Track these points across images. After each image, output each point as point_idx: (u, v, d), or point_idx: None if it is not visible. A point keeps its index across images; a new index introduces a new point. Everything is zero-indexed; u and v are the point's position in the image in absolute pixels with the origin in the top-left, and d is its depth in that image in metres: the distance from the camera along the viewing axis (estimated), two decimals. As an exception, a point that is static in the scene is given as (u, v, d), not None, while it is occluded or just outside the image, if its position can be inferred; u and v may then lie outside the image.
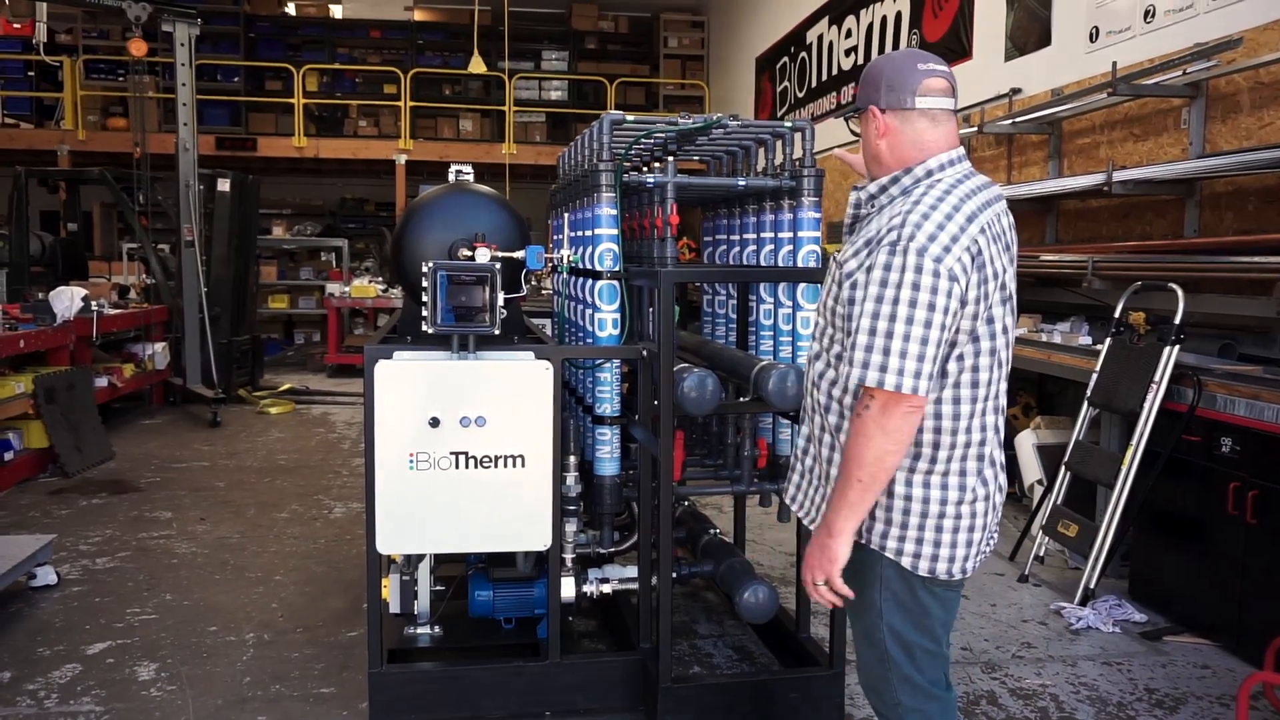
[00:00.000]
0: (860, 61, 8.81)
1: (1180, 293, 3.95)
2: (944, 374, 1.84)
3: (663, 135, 3.18)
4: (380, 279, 11.63)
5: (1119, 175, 4.61)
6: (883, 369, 1.74)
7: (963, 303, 1.77)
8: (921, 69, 1.90)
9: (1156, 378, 3.85)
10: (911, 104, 1.89)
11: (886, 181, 1.93)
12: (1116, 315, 4.27)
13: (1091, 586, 3.93)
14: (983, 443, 1.90)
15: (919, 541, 1.90)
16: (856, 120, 2.01)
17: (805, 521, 2.11)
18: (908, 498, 1.89)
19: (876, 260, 1.78)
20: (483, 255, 2.82)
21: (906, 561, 1.91)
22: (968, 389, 1.85)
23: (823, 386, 1.99)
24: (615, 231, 3.02)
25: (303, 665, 3.34)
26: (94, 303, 7.08)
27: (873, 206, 1.97)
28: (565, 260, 3.04)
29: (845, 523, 1.83)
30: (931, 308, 1.73)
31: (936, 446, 1.87)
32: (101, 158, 11.34)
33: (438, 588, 3.23)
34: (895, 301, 1.75)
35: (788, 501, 2.20)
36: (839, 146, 2.84)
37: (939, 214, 1.78)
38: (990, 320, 1.83)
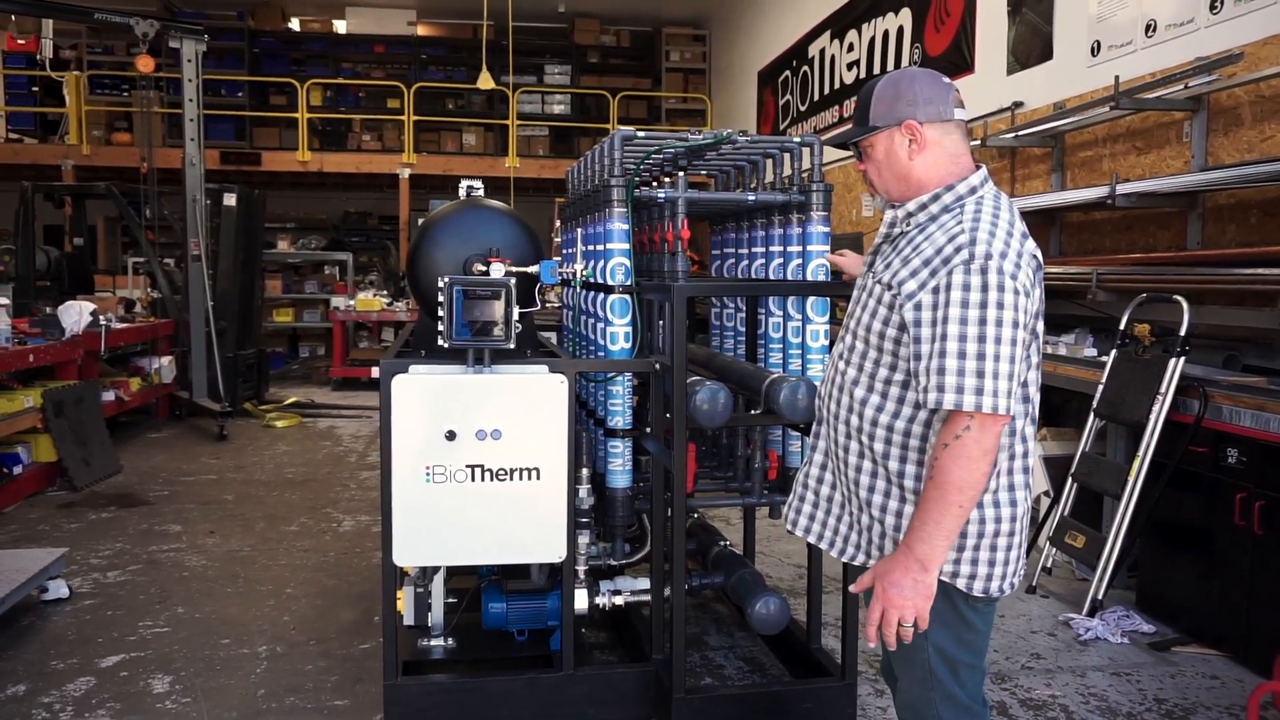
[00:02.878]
0: (862, 75, 8.87)
1: (1185, 304, 3.98)
2: None
3: (673, 150, 3.22)
4: (385, 292, 11.67)
5: (1123, 188, 4.64)
6: (978, 391, 1.71)
7: (1029, 317, 1.80)
8: (945, 82, 1.93)
9: (1162, 389, 3.87)
10: (950, 115, 1.90)
11: (927, 199, 1.89)
12: (1122, 327, 4.30)
13: (1099, 597, 3.95)
14: (1026, 454, 1.90)
15: (974, 562, 1.87)
16: (864, 141, 1.97)
17: (833, 554, 2.07)
18: (967, 519, 1.85)
19: (952, 280, 1.74)
20: (497, 270, 2.85)
21: (962, 583, 1.88)
22: (1020, 403, 1.85)
23: (864, 413, 1.93)
24: (627, 246, 3.05)
25: (316, 678, 3.36)
26: (102, 317, 7.11)
27: (908, 225, 1.91)
28: (579, 275, 3.07)
29: (941, 553, 1.77)
30: (1015, 325, 1.73)
31: (995, 464, 1.84)
32: (105, 173, 11.39)
33: (450, 600, 3.25)
34: (982, 322, 1.72)
35: (794, 529, 2.15)
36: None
37: (1002, 230, 1.78)
38: (1035, 333, 1.86)
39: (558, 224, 8.86)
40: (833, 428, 2.02)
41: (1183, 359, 3.89)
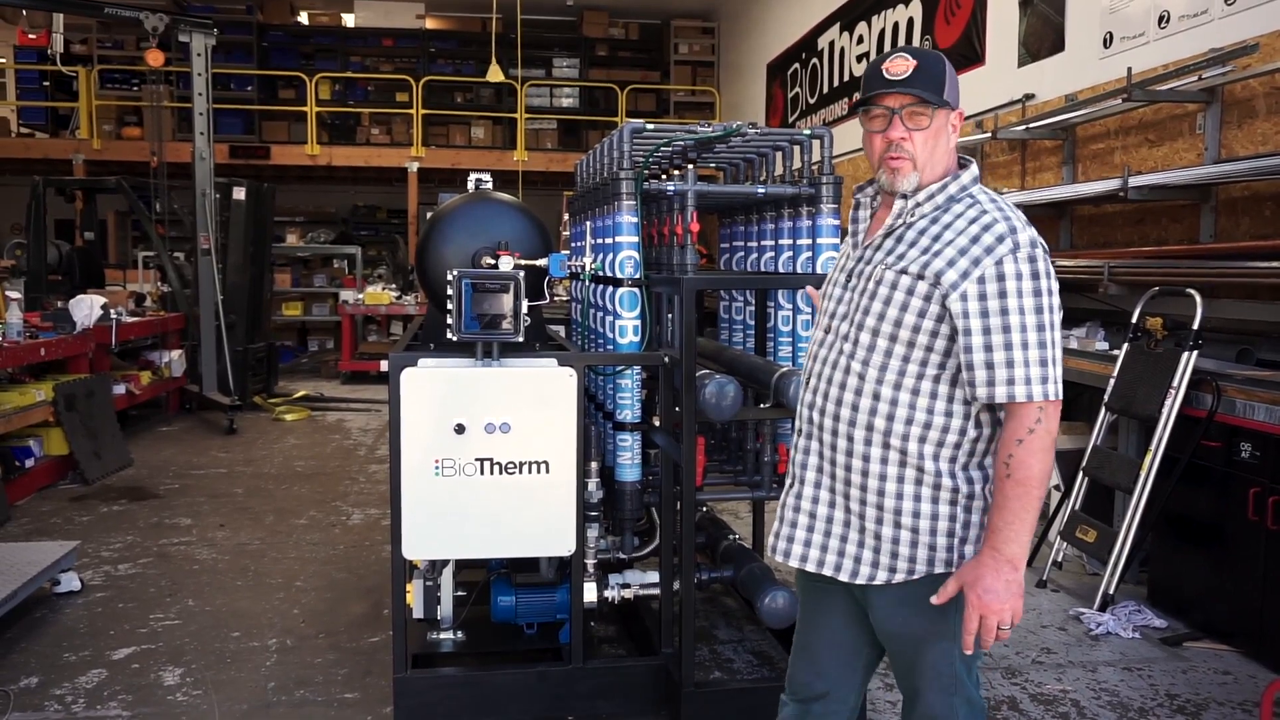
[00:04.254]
0: (872, 68, 8.82)
1: (1198, 298, 3.95)
2: None
3: (682, 143, 3.21)
4: (393, 286, 11.68)
5: (1135, 181, 4.61)
6: (1044, 380, 1.70)
7: None
8: None
9: (1175, 383, 3.85)
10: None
11: (936, 189, 1.83)
12: (1134, 320, 4.28)
13: (1111, 592, 3.93)
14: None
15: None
16: (920, 113, 1.79)
17: (843, 578, 1.90)
18: (984, 510, 1.84)
19: (1004, 270, 1.70)
20: (506, 263, 2.85)
21: None
22: None
23: (895, 413, 1.81)
24: (636, 239, 3.04)
25: (326, 670, 3.36)
26: (112, 311, 7.13)
27: (913, 216, 1.83)
28: (588, 268, 3.06)
29: (1026, 550, 1.73)
30: (1057, 310, 1.75)
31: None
32: (116, 167, 11.41)
33: (460, 593, 3.25)
34: (1038, 310, 1.71)
35: (789, 560, 1.96)
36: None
37: (1022, 217, 1.78)
38: None
39: (566, 217, 8.87)
40: (839, 437, 1.87)
41: (1195, 353, 3.86)
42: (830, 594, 2.00)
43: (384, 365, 2.86)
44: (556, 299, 7.50)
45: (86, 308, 6.69)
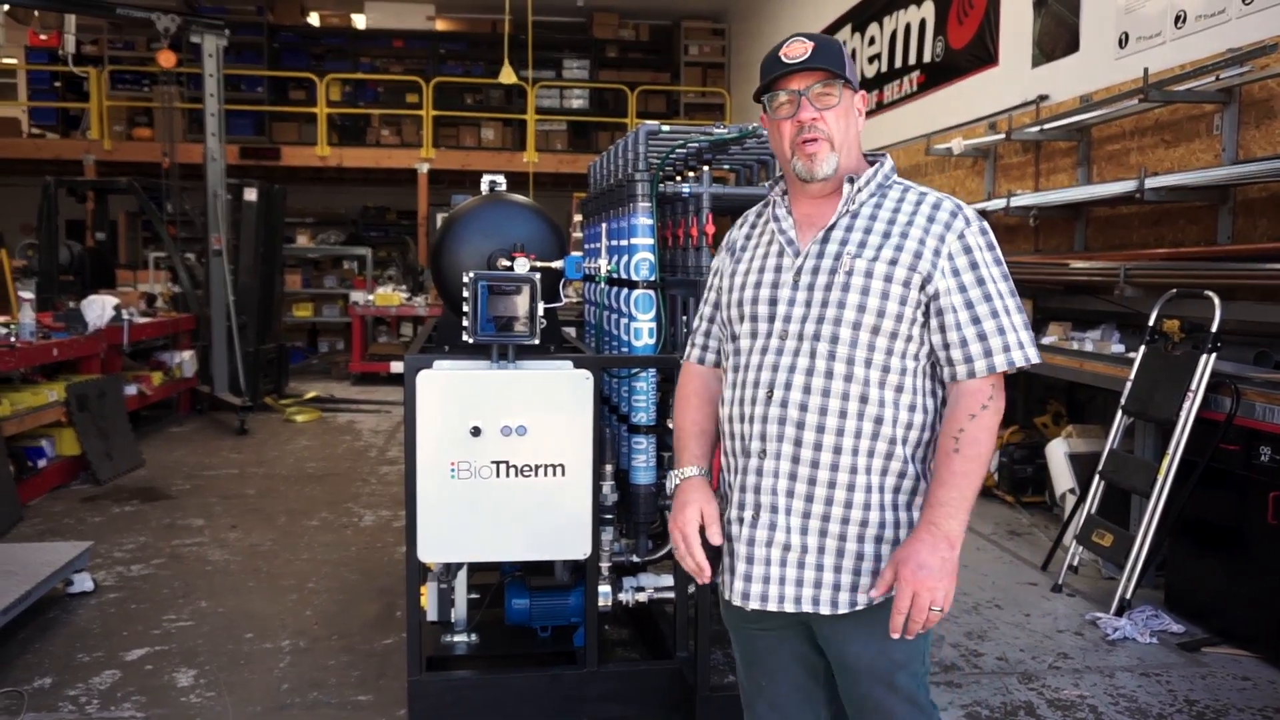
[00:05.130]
0: (884, 69, 8.80)
1: (1217, 300, 3.92)
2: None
3: (697, 145, 3.19)
4: (403, 287, 11.69)
5: (1151, 182, 4.58)
6: (1020, 345, 1.69)
7: None
8: None
9: (1193, 386, 3.82)
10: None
11: (871, 174, 1.78)
12: (1151, 323, 4.24)
13: (1128, 597, 3.90)
14: None
15: None
16: (827, 92, 1.72)
17: (825, 611, 1.75)
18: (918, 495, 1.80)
19: (967, 242, 1.70)
20: (521, 265, 2.83)
21: None
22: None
23: (884, 415, 1.71)
24: (652, 241, 3.03)
25: (339, 672, 3.36)
26: (124, 311, 7.15)
27: (853, 203, 1.77)
28: (603, 270, 3.05)
29: (963, 528, 1.66)
30: None
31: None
32: (126, 167, 11.46)
33: (474, 595, 3.24)
34: (1005, 278, 1.72)
35: (766, 604, 1.77)
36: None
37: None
38: None
39: (577, 218, 8.85)
40: (821, 450, 1.71)
41: (1214, 355, 3.83)
42: (785, 638, 1.86)
43: (394, 366, 2.86)
44: (569, 300, 7.50)
45: (98, 308, 6.70)
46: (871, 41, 9.07)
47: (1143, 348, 4.24)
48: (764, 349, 1.77)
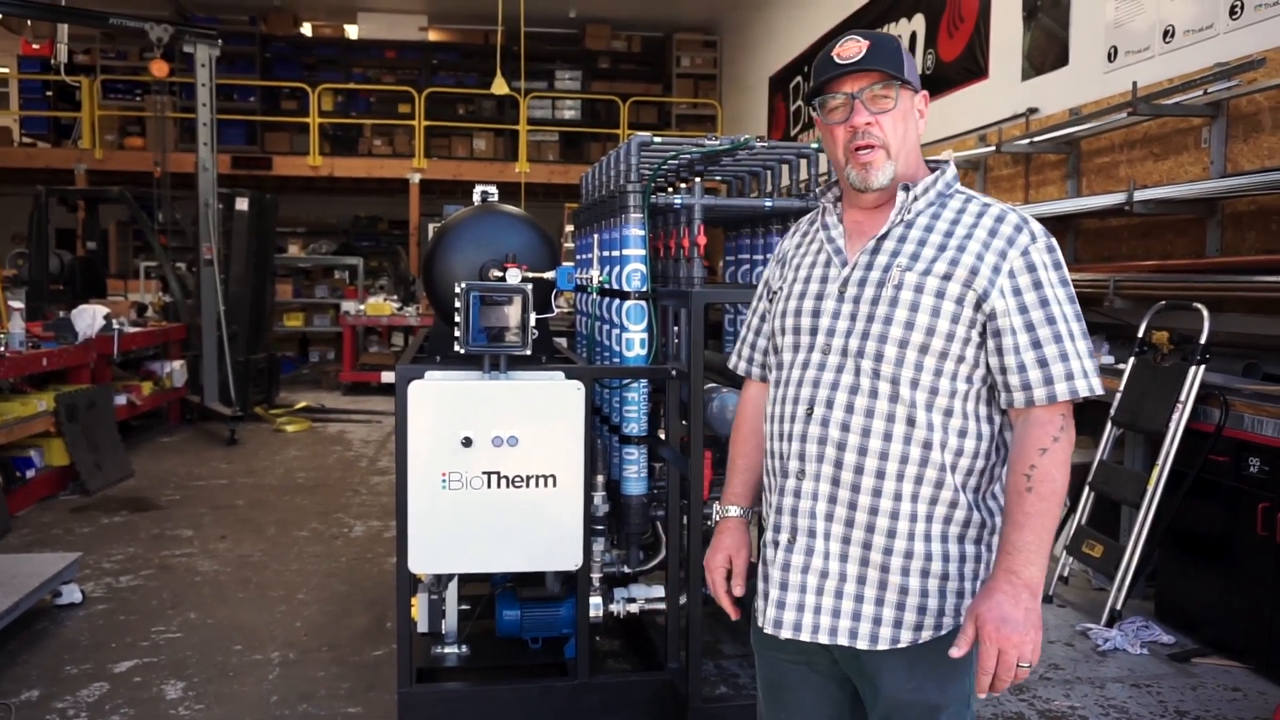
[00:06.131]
0: (874, 81, 8.85)
1: (1205, 312, 3.94)
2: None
3: (689, 156, 3.20)
4: (395, 297, 11.67)
5: (1140, 194, 4.61)
6: (1085, 374, 1.56)
7: None
8: None
9: (1182, 397, 3.83)
10: None
11: (931, 182, 1.67)
12: (1140, 334, 4.27)
13: (1118, 607, 3.91)
14: None
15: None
16: (883, 95, 1.62)
17: (861, 645, 1.62)
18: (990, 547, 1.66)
19: (1031, 259, 1.57)
20: (513, 276, 2.84)
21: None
22: None
23: (933, 439, 1.59)
24: (643, 252, 3.03)
25: (329, 684, 3.34)
26: (114, 321, 7.12)
27: (909, 212, 1.66)
28: (595, 281, 3.06)
29: (1044, 573, 1.52)
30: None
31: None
32: (118, 177, 11.44)
33: (464, 607, 3.23)
34: (1071, 300, 1.59)
35: (799, 633, 1.66)
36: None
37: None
38: None
39: (568, 229, 8.85)
40: (863, 474, 1.61)
41: (1203, 367, 3.85)
42: (815, 673, 1.74)
43: (385, 376, 2.85)
44: (560, 310, 7.50)
45: (89, 318, 6.68)
46: (863, 54, 9.11)
47: (1132, 359, 4.26)
48: (805, 364, 1.67)
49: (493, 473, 2.71)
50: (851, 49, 1.63)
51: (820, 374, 1.65)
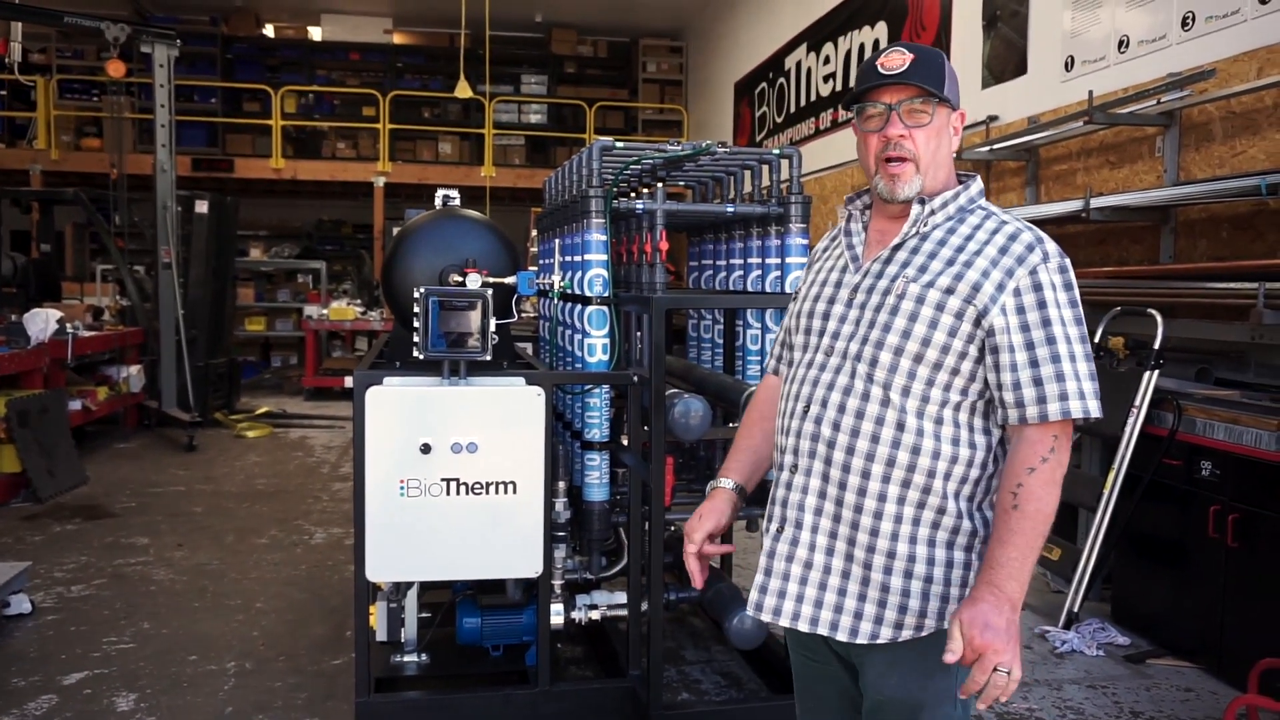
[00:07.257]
0: (839, 88, 8.92)
1: (1159, 318, 4.01)
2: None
3: (651, 161, 3.21)
4: (358, 301, 11.57)
5: (1097, 202, 4.68)
6: (1096, 395, 1.58)
7: None
8: None
9: (1137, 402, 3.90)
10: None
11: (950, 197, 1.70)
12: (1096, 340, 4.33)
13: (1075, 610, 3.96)
14: None
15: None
16: (920, 109, 1.65)
17: (841, 637, 1.67)
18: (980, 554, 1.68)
19: (1039, 279, 1.59)
20: (473, 281, 2.82)
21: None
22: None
23: (922, 445, 1.62)
24: (605, 257, 3.03)
25: (286, 695, 3.29)
26: (69, 325, 6.99)
27: (926, 225, 1.69)
28: (557, 286, 3.05)
29: (1024, 590, 1.54)
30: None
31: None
32: (74, 178, 11.23)
33: (424, 615, 3.20)
34: (1078, 321, 1.60)
35: (779, 619, 1.72)
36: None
37: (1039, 230, 1.67)
38: None
39: (534, 234, 8.83)
40: (850, 473, 1.65)
41: (1157, 372, 3.91)
42: (832, 672, 1.80)
43: (348, 381, 2.81)
44: (524, 315, 7.47)
45: (41, 322, 6.55)
46: (826, 61, 9.19)
47: (1089, 364, 4.31)
48: (809, 363, 1.73)
49: (452, 479, 2.69)
50: (896, 60, 1.66)
51: (820, 374, 1.71)
